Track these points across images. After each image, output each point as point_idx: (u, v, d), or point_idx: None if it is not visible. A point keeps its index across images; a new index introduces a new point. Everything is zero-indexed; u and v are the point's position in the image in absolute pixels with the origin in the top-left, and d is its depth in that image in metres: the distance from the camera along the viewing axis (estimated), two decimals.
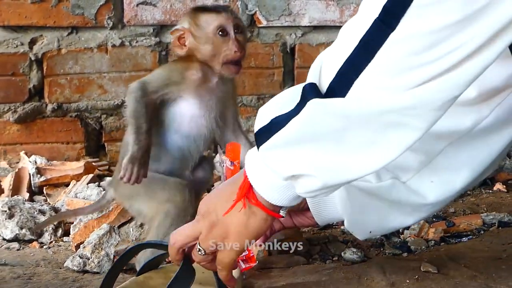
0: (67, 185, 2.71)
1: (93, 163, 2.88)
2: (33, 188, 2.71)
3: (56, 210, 2.47)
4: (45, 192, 2.69)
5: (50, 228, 2.35)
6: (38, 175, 2.73)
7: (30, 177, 2.73)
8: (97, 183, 2.66)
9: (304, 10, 3.10)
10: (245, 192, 1.29)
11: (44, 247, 2.29)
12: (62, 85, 2.96)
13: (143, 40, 3.01)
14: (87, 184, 2.64)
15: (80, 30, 2.96)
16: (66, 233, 2.36)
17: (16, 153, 2.94)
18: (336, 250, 2.20)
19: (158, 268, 1.69)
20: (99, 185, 2.63)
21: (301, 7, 3.10)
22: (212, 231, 1.34)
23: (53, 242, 2.33)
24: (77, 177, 2.73)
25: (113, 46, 2.98)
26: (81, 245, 2.13)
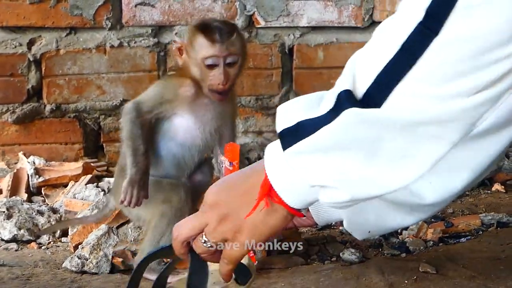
0: (65, 185, 2.71)
1: (92, 164, 2.88)
2: (32, 189, 2.71)
3: (54, 211, 2.47)
4: (43, 193, 2.69)
5: None
6: (37, 176, 2.72)
7: (28, 177, 2.72)
8: (95, 183, 2.66)
9: (303, 11, 3.10)
10: (267, 192, 1.22)
11: (43, 247, 2.29)
12: (61, 86, 2.96)
13: (141, 40, 3.00)
14: (86, 184, 2.64)
15: (79, 31, 2.96)
16: (65, 233, 2.36)
17: (15, 153, 2.94)
18: (334, 250, 2.20)
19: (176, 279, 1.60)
20: (97, 186, 2.63)
21: (300, 7, 3.09)
22: (223, 223, 1.27)
23: (52, 242, 2.33)
24: (76, 178, 2.73)
25: (112, 46, 2.98)
26: (79, 246, 2.13)
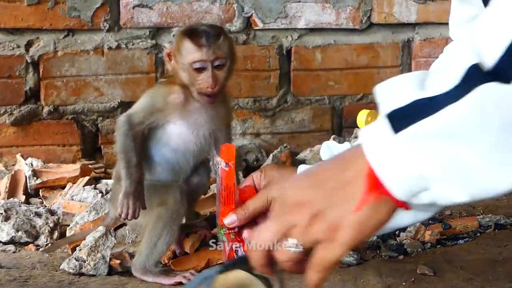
0: (63, 187, 2.71)
1: (89, 166, 2.88)
2: (29, 191, 2.71)
3: (52, 213, 2.47)
4: (41, 195, 2.69)
5: (46, 230, 2.35)
6: (34, 178, 2.72)
7: (26, 179, 2.72)
8: (93, 185, 2.66)
9: (300, 13, 3.10)
10: (375, 183, 1.03)
11: (40, 249, 2.29)
12: (59, 88, 2.96)
13: (139, 42, 3.00)
14: (83, 186, 2.64)
15: (77, 33, 2.96)
16: (62, 235, 2.36)
17: (12, 155, 2.93)
18: None
19: None
20: (95, 188, 2.63)
21: (297, 9, 3.10)
22: (315, 223, 1.08)
23: (49, 244, 2.33)
24: (73, 180, 2.73)
25: (109, 48, 2.98)
26: (77, 248, 2.13)
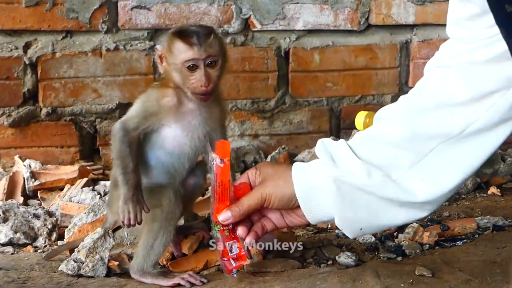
0: (61, 189, 2.71)
1: (88, 167, 2.88)
2: (28, 192, 2.71)
3: (50, 214, 2.47)
4: (39, 196, 2.69)
5: (44, 232, 2.35)
6: (33, 179, 2.72)
7: (24, 181, 2.72)
8: (91, 187, 2.66)
9: (299, 14, 3.10)
10: None
11: (39, 251, 2.29)
12: (57, 89, 2.96)
13: (137, 44, 3.00)
14: (82, 188, 2.63)
15: (75, 34, 2.96)
16: (61, 237, 2.36)
17: (11, 157, 2.93)
18: (330, 254, 2.20)
19: None
20: (93, 189, 2.63)
21: (296, 11, 3.10)
22: None
23: (48, 246, 2.33)
24: (72, 181, 2.73)
25: (108, 50, 2.98)
26: (75, 249, 2.13)
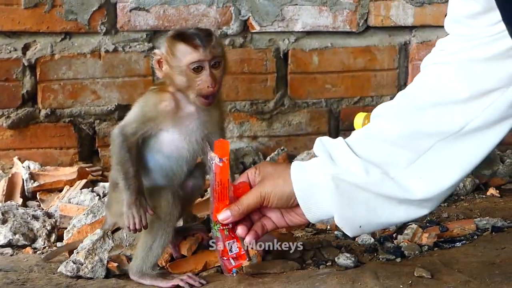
0: (60, 190, 2.71)
1: (87, 169, 2.88)
2: (27, 194, 2.71)
3: (49, 216, 2.46)
4: (38, 198, 2.69)
5: (43, 233, 2.35)
6: (32, 181, 2.72)
7: (23, 182, 2.72)
8: (90, 188, 2.66)
9: (297, 16, 3.10)
10: None
11: (38, 252, 2.29)
12: (56, 91, 2.96)
13: (136, 45, 3.00)
14: (81, 189, 2.63)
15: (74, 36, 2.96)
16: (60, 238, 2.36)
17: (10, 158, 2.93)
18: (329, 255, 2.20)
19: None
20: (92, 191, 2.63)
21: (294, 12, 3.10)
22: None
23: (47, 247, 2.33)
24: (71, 183, 2.73)
25: (106, 51, 2.98)
26: (74, 251, 2.12)
